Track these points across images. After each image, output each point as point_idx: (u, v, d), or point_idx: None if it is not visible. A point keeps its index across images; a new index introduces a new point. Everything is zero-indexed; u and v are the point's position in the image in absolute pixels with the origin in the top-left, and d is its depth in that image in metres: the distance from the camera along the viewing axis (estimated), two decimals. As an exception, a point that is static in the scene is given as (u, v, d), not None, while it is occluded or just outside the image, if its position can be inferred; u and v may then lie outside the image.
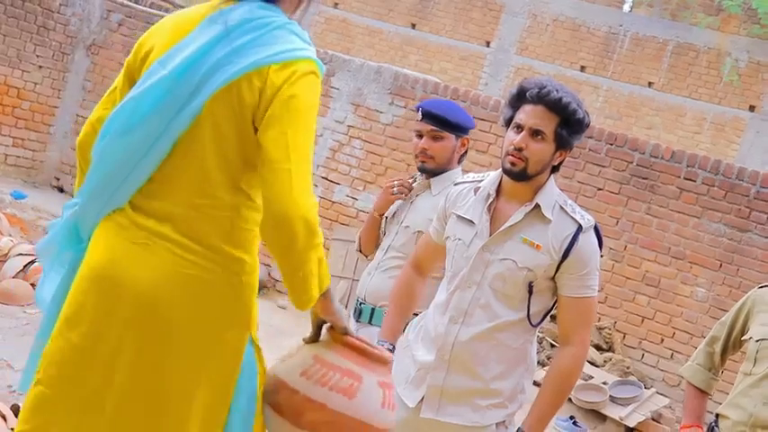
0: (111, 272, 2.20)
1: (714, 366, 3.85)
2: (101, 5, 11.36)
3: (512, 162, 2.95)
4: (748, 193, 8.50)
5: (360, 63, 9.81)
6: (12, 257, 6.92)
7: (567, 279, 2.96)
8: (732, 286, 8.53)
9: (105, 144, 2.23)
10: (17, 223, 8.37)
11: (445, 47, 17.35)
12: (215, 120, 2.16)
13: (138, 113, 2.17)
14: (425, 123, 3.80)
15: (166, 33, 2.28)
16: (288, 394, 2.22)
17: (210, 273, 2.19)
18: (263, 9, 2.20)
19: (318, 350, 2.27)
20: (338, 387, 2.20)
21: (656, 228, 8.82)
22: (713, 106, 15.46)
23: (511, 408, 3.05)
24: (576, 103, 2.93)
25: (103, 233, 2.25)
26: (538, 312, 3.02)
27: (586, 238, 2.97)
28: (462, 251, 3.03)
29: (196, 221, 2.19)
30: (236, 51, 2.14)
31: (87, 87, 11.47)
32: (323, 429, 2.19)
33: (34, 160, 11.37)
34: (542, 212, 2.97)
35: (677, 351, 8.72)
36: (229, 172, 2.20)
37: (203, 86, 2.14)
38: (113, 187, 2.22)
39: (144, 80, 2.21)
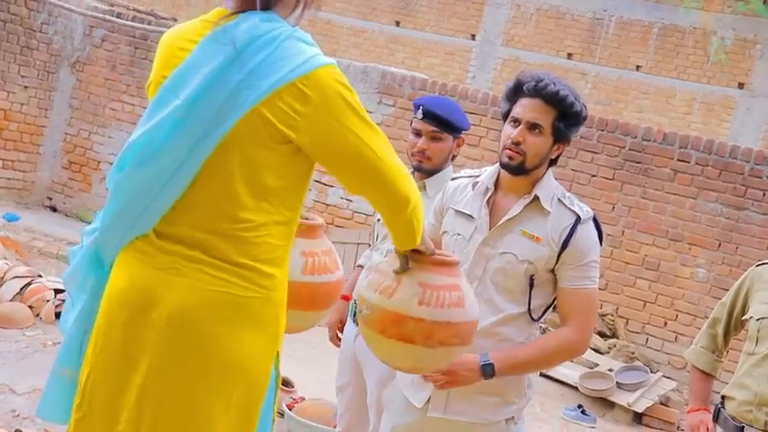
0: (137, 299, 2.17)
1: (717, 348, 3.83)
2: (83, 22, 11.32)
3: (509, 156, 2.94)
4: (743, 171, 8.49)
5: (346, 64, 9.78)
6: (8, 281, 6.88)
7: (567, 270, 2.94)
8: (732, 265, 8.53)
9: (122, 176, 2.19)
10: (12, 246, 8.33)
11: (431, 42, 17.32)
12: (242, 144, 2.12)
13: (154, 145, 2.13)
14: (426, 123, 3.75)
15: (165, 54, 2.24)
16: (414, 324, 2.44)
17: (243, 290, 2.17)
18: (265, 22, 2.14)
19: (418, 277, 2.47)
20: (452, 302, 2.47)
21: (653, 211, 8.81)
22: (702, 86, 15.45)
23: (519, 403, 3.03)
24: (573, 95, 2.91)
25: (127, 260, 2.22)
26: (539, 307, 3.00)
27: (585, 228, 2.95)
28: (462, 246, 3.01)
29: (226, 244, 2.16)
30: (252, 74, 2.09)
31: (74, 105, 11.43)
32: (451, 341, 2.48)
33: (25, 181, 11.34)
34: (541, 204, 2.95)
35: (681, 333, 8.71)
36: (259, 194, 2.17)
37: (227, 114, 2.09)
38: (134, 215, 2.19)
39: (155, 109, 2.16)
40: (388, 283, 2.50)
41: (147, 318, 2.16)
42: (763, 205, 8.42)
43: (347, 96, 2.15)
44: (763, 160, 8.47)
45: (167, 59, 2.22)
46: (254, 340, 2.20)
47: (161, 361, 2.15)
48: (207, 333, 2.15)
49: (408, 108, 9.50)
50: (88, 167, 11.34)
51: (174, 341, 2.14)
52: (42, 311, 6.63)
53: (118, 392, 2.19)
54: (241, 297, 2.17)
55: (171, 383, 2.15)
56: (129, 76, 11.12)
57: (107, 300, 2.24)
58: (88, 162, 11.34)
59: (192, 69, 2.13)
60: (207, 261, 2.16)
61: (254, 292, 2.19)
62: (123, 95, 11.16)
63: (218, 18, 2.18)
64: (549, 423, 7.54)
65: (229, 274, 2.16)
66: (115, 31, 11.19)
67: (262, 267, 2.20)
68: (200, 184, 2.15)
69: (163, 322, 2.14)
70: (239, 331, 2.18)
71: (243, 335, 2.18)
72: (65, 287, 2.43)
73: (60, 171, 11.46)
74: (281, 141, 2.14)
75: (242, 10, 2.17)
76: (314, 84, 2.11)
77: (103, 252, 2.29)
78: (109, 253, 2.27)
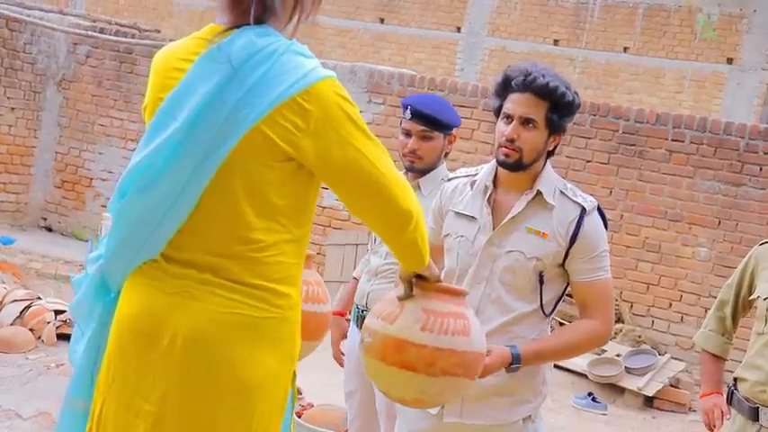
0: (149, 325, 2.13)
1: (727, 330, 3.80)
2: (66, 40, 11.27)
3: (505, 153, 2.90)
4: (738, 147, 8.46)
5: (333, 65, 9.74)
6: (7, 305, 6.87)
7: (579, 264, 2.90)
8: (733, 242, 8.50)
9: (124, 203, 2.15)
10: (9, 269, 8.32)
11: (416, 37, 17.29)
12: (244, 164, 2.08)
13: (155, 171, 2.09)
14: (415, 123, 3.71)
15: (159, 75, 2.20)
16: (416, 350, 2.38)
17: (258, 311, 2.13)
18: (261, 37, 2.08)
19: (422, 303, 2.43)
20: (457, 330, 2.41)
21: (650, 193, 8.78)
22: (691, 63, 15.43)
23: (535, 401, 2.98)
24: (563, 85, 2.86)
25: (136, 286, 2.18)
26: (550, 301, 2.96)
27: (591, 219, 2.91)
28: (467, 248, 2.96)
29: (238, 266, 2.12)
30: (251, 91, 2.04)
31: (63, 123, 11.40)
32: (455, 371, 2.41)
33: (18, 203, 11.30)
34: (544, 199, 2.91)
35: (687, 314, 8.68)
36: (266, 213, 2.13)
37: (228, 134, 2.05)
38: (140, 241, 2.15)
39: (153, 133, 2.11)
40: (390, 309, 2.46)
41: (159, 344, 2.12)
42: (761, 180, 8.39)
43: (348, 110, 2.11)
44: (757, 135, 8.45)
45: (162, 81, 2.18)
46: (271, 361, 2.17)
47: (177, 388, 2.11)
48: (222, 356, 2.11)
49: (398, 105, 9.43)
50: (81, 185, 11.31)
51: (189, 367, 2.10)
52: (44, 334, 6.60)
53: (132, 423, 2.15)
54: (256, 318, 2.13)
55: (189, 410, 2.11)
56: (116, 90, 11.08)
57: (117, 327, 2.20)
58: (81, 180, 11.31)
59: (189, 90, 2.08)
60: (219, 283, 2.12)
61: (270, 313, 2.15)
62: (111, 111, 11.12)
63: (212, 35, 2.12)
64: (560, 413, 7.51)
65: (243, 295, 2.12)
66: (99, 47, 11.15)
67: (276, 287, 2.16)
68: (205, 207, 2.11)
69: (176, 348, 2.10)
70: (255, 352, 2.14)
71: (259, 356, 2.14)
72: (72, 317, 2.39)
73: (53, 190, 11.43)
74: (283, 159, 2.09)
75: (236, 25, 2.11)
76: (314, 98, 2.06)
77: (110, 279, 2.24)
78: (115, 280, 2.23)
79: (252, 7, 2.10)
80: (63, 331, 6.64)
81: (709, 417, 3.70)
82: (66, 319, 6.70)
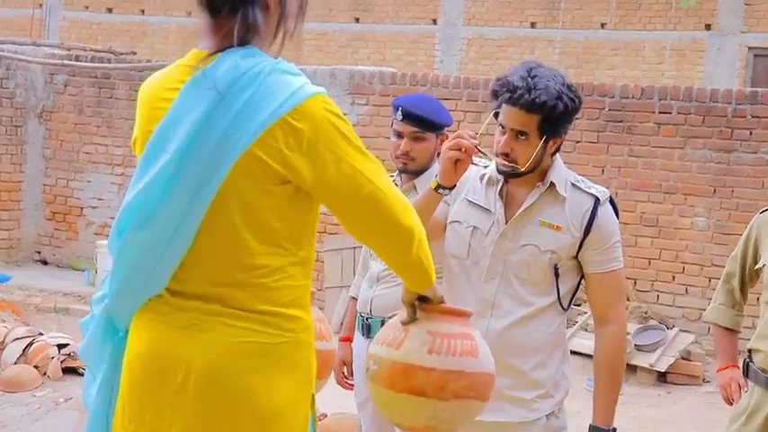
0: (160, 362, 2.10)
1: (736, 303, 3.78)
2: (42, 71, 11.22)
3: (503, 164, 2.86)
4: (726, 113, 8.44)
5: (312, 70, 9.71)
6: (9, 344, 6.83)
7: (593, 255, 2.88)
8: (730, 209, 8.48)
9: (123, 242, 2.11)
10: (7, 307, 8.28)
11: (393, 34, 17.27)
12: (239, 190, 2.04)
13: (150, 206, 2.05)
14: (406, 124, 3.66)
15: (146, 106, 2.15)
16: (424, 374, 2.31)
17: (270, 337, 2.10)
18: (246, 59, 2.04)
19: (427, 326, 2.36)
20: (464, 351, 2.34)
21: (643, 168, 8.76)
22: (669, 33, 15.44)
23: (557, 396, 2.95)
24: (553, 97, 2.76)
25: (144, 324, 2.15)
26: (567, 294, 2.93)
27: (605, 210, 2.89)
28: (480, 240, 2.92)
29: (245, 294, 2.09)
30: (239, 116, 2.00)
31: (47, 155, 11.35)
32: (466, 393, 2.34)
33: (11, 239, 11.25)
34: (557, 191, 2.87)
35: (691, 285, 8.66)
36: (267, 238, 2.09)
37: (220, 161, 2.01)
38: (143, 278, 2.11)
39: (145, 167, 2.07)
40: (395, 334, 2.39)
41: (173, 381, 2.08)
42: (752, 144, 8.37)
43: (340, 126, 2.06)
44: (744, 99, 8.42)
45: (150, 112, 2.13)
46: (289, 386, 2.13)
47: (195, 423, 2.08)
48: (239, 386, 2.07)
49: (382, 104, 9.44)
50: (72, 215, 11.25)
51: (205, 401, 2.07)
52: (49, 370, 6.57)
53: None
54: (269, 344, 2.10)
55: None
56: (98, 117, 11.03)
57: (128, 367, 2.16)
58: (71, 210, 11.25)
59: (177, 120, 2.04)
60: (228, 313, 2.08)
61: (282, 337, 2.11)
62: (95, 137, 11.06)
63: (197, 61, 2.08)
64: (574, 397, 7.41)
65: (253, 322, 2.09)
66: (76, 75, 11.10)
67: (286, 311, 2.12)
68: (205, 237, 2.07)
69: (191, 383, 2.07)
70: (272, 379, 2.10)
71: (276, 382, 2.11)
72: (82, 361, 2.36)
73: (45, 223, 11.37)
74: (279, 182, 2.05)
75: (219, 49, 2.07)
76: (304, 116, 2.02)
77: (117, 318, 2.21)
78: (122, 319, 2.20)
79: (235, 28, 2.05)
80: (68, 365, 6.62)
81: (727, 391, 3.68)
82: (70, 353, 6.67)
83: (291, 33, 2.17)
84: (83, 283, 10.21)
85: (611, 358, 2.93)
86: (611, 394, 2.93)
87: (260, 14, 2.08)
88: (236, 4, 2.06)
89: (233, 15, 2.06)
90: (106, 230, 10.70)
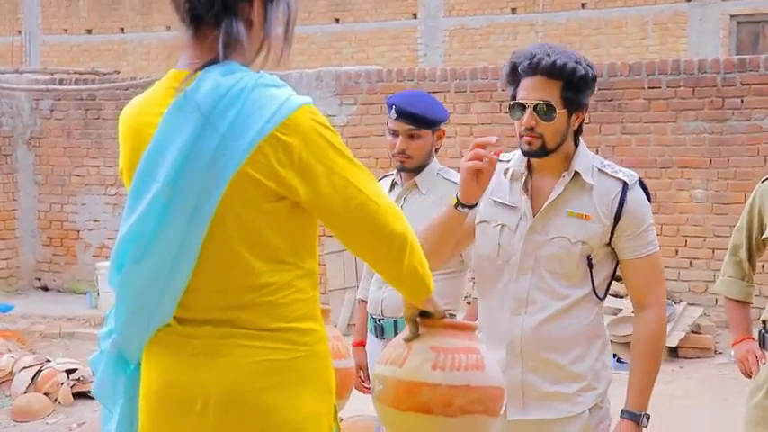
0: (177, 393, 2.07)
1: (746, 274, 3.75)
2: (27, 97, 11.18)
3: (528, 142, 2.78)
4: (716, 83, 8.42)
5: (297, 75, 9.67)
6: (17, 373, 6.84)
7: (626, 241, 2.80)
8: (727, 178, 8.47)
9: (123, 276, 2.08)
10: (12, 336, 8.25)
11: (374, 31, 17.25)
12: (235, 212, 2.01)
13: (146, 238, 2.01)
14: (401, 123, 3.63)
15: (131, 133, 2.11)
16: (430, 391, 2.27)
17: (285, 353, 2.07)
18: (227, 75, 1.99)
19: (430, 341, 2.33)
20: (470, 365, 2.30)
21: (636, 144, 8.74)
22: (651, 8, 15.42)
23: (600, 387, 2.88)
24: (572, 60, 2.74)
25: (156, 355, 2.12)
26: (602, 283, 2.86)
27: (634, 194, 2.81)
28: (509, 238, 2.86)
29: (254, 314, 2.06)
30: (227, 136, 1.96)
31: (39, 181, 11.31)
32: (474, 408, 2.29)
33: (10, 268, 11.22)
34: (583, 179, 2.80)
35: (694, 258, 8.65)
36: (269, 256, 2.06)
37: (212, 185, 1.97)
38: (149, 310, 2.08)
39: (135, 198, 2.03)
40: (398, 352, 2.35)
41: (192, 409, 2.05)
42: (744, 112, 8.35)
43: (329, 137, 2.03)
44: (732, 68, 8.41)
45: (135, 140, 2.09)
46: (308, 400, 2.10)
47: None
48: (259, 406, 2.04)
49: (370, 103, 9.42)
50: (69, 239, 11.22)
51: (228, 425, 2.04)
52: (60, 396, 6.59)
53: None
54: (285, 360, 2.06)
55: None
56: (87, 139, 11.00)
57: (145, 402, 2.13)
58: (68, 234, 11.22)
59: (164, 147, 1.99)
60: (240, 333, 2.05)
61: (297, 352, 2.08)
62: (85, 159, 11.04)
63: (177, 82, 2.03)
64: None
65: (267, 340, 2.05)
66: (62, 99, 11.05)
67: (298, 326, 2.09)
68: (206, 263, 2.03)
69: (210, 409, 2.04)
70: (291, 395, 2.07)
71: (296, 398, 2.08)
72: (97, 399, 2.30)
73: (42, 249, 11.34)
74: (274, 199, 2.01)
75: (199, 67, 2.02)
76: (293, 130, 1.98)
77: (126, 352, 2.17)
78: (132, 352, 2.16)
79: (218, 39, 2.01)
80: (78, 389, 6.62)
81: (745, 364, 3.64)
82: (79, 377, 6.67)
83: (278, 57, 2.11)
84: (86, 306, 10.17)
85: (649, 342, 2.86)
86: (647, 379, 2.86)
87: (243, 28, 2.04)
88: (219, 14, 2.02)
89: (215, 27, 2.02)
90: (104, 252, 10.67)
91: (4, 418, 6.35)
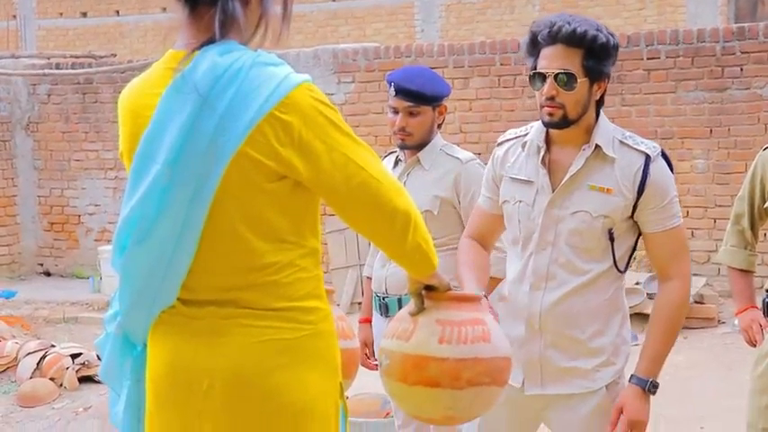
0: (184, 374, 2.08)
1: (748, 243, 3.74)
2: (24, 82, 11.16)
3: (549, 113, 2.74)
4: (715, 52, 8.39)
5: (295, 53, 9.66)
6: (22, 359, 6.84)
7: (650, 215, 2.77)
8: (728, 148, 8.46)
9: (126, 258, 2.08)
10: (16, 322, 8.28)
11: (371, 8, 17.16)
12: (236, 192, 2.01)
13: (148, 219, 2.01)
14: (401, 100, 3.61)
15: (130, 115, 2.11)
16: (437, 365, 2.27)
17: (289, 332, 2.07)
18: (224, 55, 1.98)
19: (435, 315, 2.32)
20: (476, 337, 2.31)
21: (637, 116, 8.72)
22: (648, -22, 15.34)
23: (618, 363, 2.85)
24: (594, 28, 2.71)
25: (161, 337, 2.13)
26: (623, 256, 2.82)
27: (657, 166, 2.77)
28: (527, 213, 2.82)
29: (257, 293, 2.06)
30: (225, 116, 1.95)
31: (38, 166, 11.31)
32: (481, 380, 2.30)
33: (12, 254, 11.23)
34: (604, 152, 2.75)
35: (696, 228, 8.65)
36: (271, 235, 2.06)
37: (212, 165, 1.97)
38: (152, 291, 2.08)
39: (136, 180, 2.02)
40: (404, 326, 2.35)
41: (198, 390, 2.06)
42: (744, 80, 8.33)
43: (328, 114, 2.02)
44: (731, 36, 8.38)
45: (134, 122, 2.08)
46: (315, 378, 2.10)
47: (226, 428, 2.06)
48: (265, 385, 2.05)
49: (368, 80, 9.39)
50: (70, 224, 11.23)
51: (234, 404, 2.05)
52: (65, 380, 6.59)
53: None
54: (290, 339, 2.07)
55: None
56: (85, 122, 10.98)
57: (152, 383, 2.13)
58: (68, 219, 11.23)
59: (162, 128, 1.98)
60: (243, 313, 2.05)
61: (302, 331, 2.08)
62: (84, 144, 11.03)
63: (175, 63, 2.02)
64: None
65: (272, 320, 2.06)
66: (59, 83, 11.04)
67: (301, 304, 2.09)
68: (209, 243, 2.03)
69: (217, 389, 2.04)
70: (298, 374, 2.07)
71: (302, 376, 2.08)
72: (104, 381, 2.32)
73: (44, 235, 11.35)
74: (275, 178, 2.01)
75: (196, 47, 2.01)
76: (292, 108, 1.97)
77: (132, 335, 2.17)
78: (138, 334, 2.17)
79: (215, 19, 2.00)
80: (84, 374, 6.63)
81: (749, 333, 3.63)
82: (84, 362, 6.68)
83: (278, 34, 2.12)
84: (88, 290, 10.19)
85: (668, 310, 2.80)
86: (662, 348, 2.79)
87: (239, 7, 2.03)
88: None
89: (211, 6, 2.01)
90: (106, 236, 10.68)
91: (11, 403, 6.36)
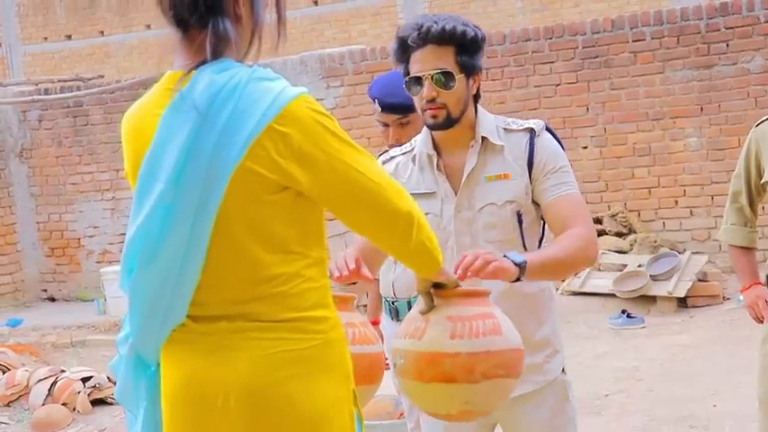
0: (198, 391, 2.09)
1: (748, 220, 3.74)
2: (14, 110, 11.15)
3: (432, 115, 2.76)
4: (700, 30, 8.42)
5: (281, 61, 9.64)
6: (34, 386, 6.83)
7: (543, 183, 2.76)
8: (720, 124, 8.47)
9: (134, 280, 2.10)
10: (24, 350, 8.27)
11: (354, 10, 17.16)
12: (240, 206, 2.03)
13: (153, 239, 2.03)
14: (388, 114, 3.63)
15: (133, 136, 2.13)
16: (450, 360, 2.30)
17: (299, 342, 2.08)
18: (221, 73, 2.01)
19: (445, 312, 2.35)
20: (487, 331, 2.33)
21: (626, 99, 8.74)
22: (628, -41, 15.34)
23: (562, 349, 2.90)
24: (460, 23, 2.73)
25: (173, 355, 2.14)
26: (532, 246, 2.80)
27: (543, 139, 2.79)
28: (438, 223, 2.79)
29: (266, 306, 2.08)
30: (225, 132, 1.98)
31: (35, 192, 11.31)
32: (496, 372, 2.32)
33: (15, 282, 11.24)
34: (492, 143, 2.79)
35: (694, 206, 8.67)
36: (277, 247, 2.08)
37: (214, 181, 1.99)
38: (162, 311, 2.10)
39: (140, 200, 2.05)
40: (416, 325, 2.38)
41: (213, 406, 2.07)
42: (731, 55, 8.34)
43: (326, 124, 2.04)
44: (715, 12, 8.41)
45: (136, 142, 2.10)
46: (328, 387, 2.11)
47: None
48: (279, 397, 2.06)
49: (357, 83, 9.40)
50: (71, 248, 11.23)
51: (249, 418, 2.06)
52: (78, 405, 6.58)
53: None
54: (300, 350, 2.08)
55: None
56: (78, 146, 10.99)
57: (168, 402, 2.15)
58: (69, 243, 11.23)
59: (163, 147, 2.01)
60: (253, 326, 2.07)
61: (312, 341, 2.09)
62: (78, 167, 11.04)
63: (173, 83, 2.04)
64: (598, 338, 7.49)
65: (282, 331, 2.07)
66: (49, 108, 11.03)
67: (310, 314, 2.10)
68: (215, 259, 2.05)
69: (232, 403, 2.05)
70: (311, 384, 2.09)
71: (315, 386, 2.09)
72: (120, 403, 2.33)
73: (45, 261, 11.35)
74: (277, 190, 2.02)
75: (193, 67, 2.03)
76: (289, 120, 1.99)
77: (145, 355, 2.19)
78: (150, 354, 2.18)
79: (207, 41, 2.02)
80: (96, 396, 6.62)
81: (755, 310, 3.63)
82: (95, 384, 6.68)
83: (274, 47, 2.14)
84: (94, 312, 10.19)
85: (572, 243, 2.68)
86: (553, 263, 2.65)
87: (231, 26, 2.04)
88: (204, 16, 2.03)
89: (202, 28, 2.03)
90: (107, 257, 10.68)
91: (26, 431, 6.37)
